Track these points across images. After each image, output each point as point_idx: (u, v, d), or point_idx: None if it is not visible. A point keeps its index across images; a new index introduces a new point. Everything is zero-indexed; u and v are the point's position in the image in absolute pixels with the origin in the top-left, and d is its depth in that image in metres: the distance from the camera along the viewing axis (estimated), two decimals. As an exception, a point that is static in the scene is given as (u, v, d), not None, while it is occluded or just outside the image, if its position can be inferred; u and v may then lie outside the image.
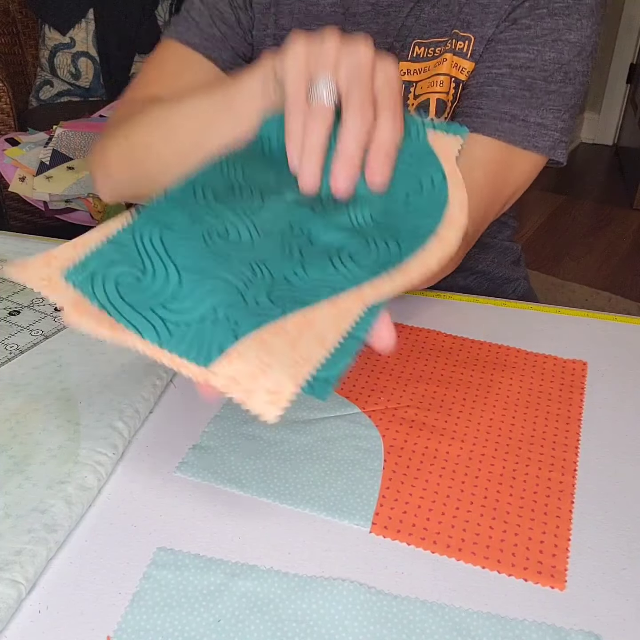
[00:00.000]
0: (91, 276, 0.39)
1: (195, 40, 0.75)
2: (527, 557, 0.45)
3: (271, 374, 0.36)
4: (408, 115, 0.48)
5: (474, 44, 0.69)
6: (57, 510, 0.46)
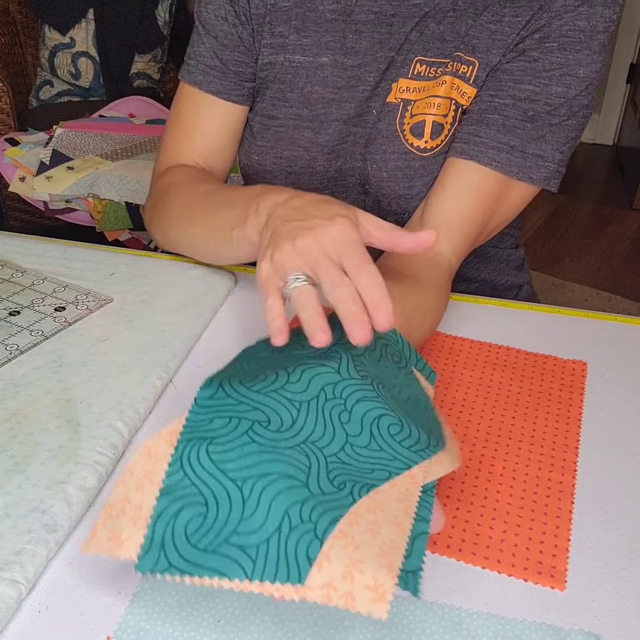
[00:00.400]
0: (162, 547, 0.38)
1: (200, 78, 0.76)
2: (527, 558, 0.45)
3: (366, 570, 0.35)
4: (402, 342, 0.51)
5: (477, 70, 0.68)
6: (57, 510, 0.46)
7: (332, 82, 0.73)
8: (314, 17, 0.72)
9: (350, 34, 0.71)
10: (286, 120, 0.75)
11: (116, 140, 2.02)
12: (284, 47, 0.73)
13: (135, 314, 0.68)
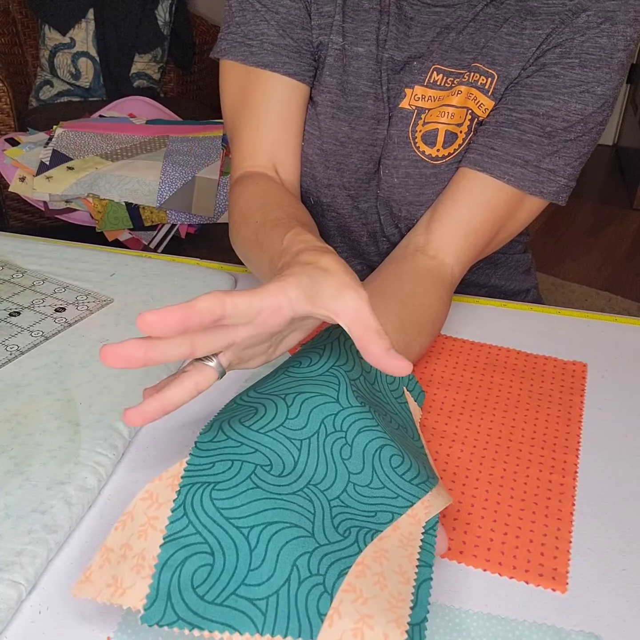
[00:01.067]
0: (168, 598, 0.36)
1: (270, 59, 0.70)
2: (528, 560, 0.45)
3: (376, 627, 0.35)
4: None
5: (496, 83, 0.67)
6: (57, 511, 0.46)
7: (367, 74, 0.71)
8: (353, 3, 0.70)
9: (383, 26, 0.69)
10: (323, 108, 0.72)
11: (116, 140, 2.02)
12: (328, 28, 0.70)
13: (135, 315, 0.68)
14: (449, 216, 0.68)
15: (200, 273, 0.76)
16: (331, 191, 0.76)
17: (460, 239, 0.67)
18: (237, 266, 0.80)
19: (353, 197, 0.76)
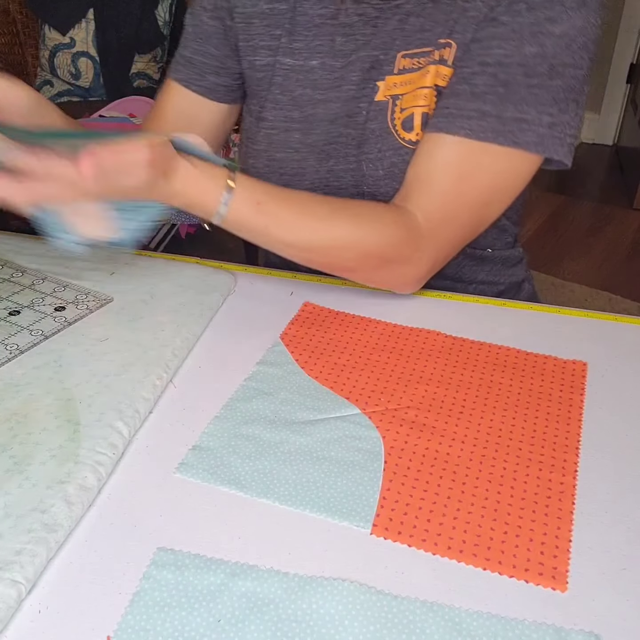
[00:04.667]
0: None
1: (172, 67, 0.80)
2: (528, 559, 0.45)
3: None
4: None
5: (456, 51, 0.67)
6: (57, 510, 0.46)
7: (321, 84, 0.73)
8: (303, 21, 0.73)
9: (338, 36, 0.72)
10: (277, 123, 0.76)
11: (116, 140, 2.02)
12: (276, 50, 0.74)
13: (135, 314, 0.68)
14: (413, 178, 0.68)
15: (200, 272, 0.76)
16: None
17: (423, 191, 0.67)
18: (237, 265, 0.80)
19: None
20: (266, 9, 0.74)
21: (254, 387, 0.60)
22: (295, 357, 0.64)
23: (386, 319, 0.70)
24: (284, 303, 0.72)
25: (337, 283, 0.77)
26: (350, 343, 0.66)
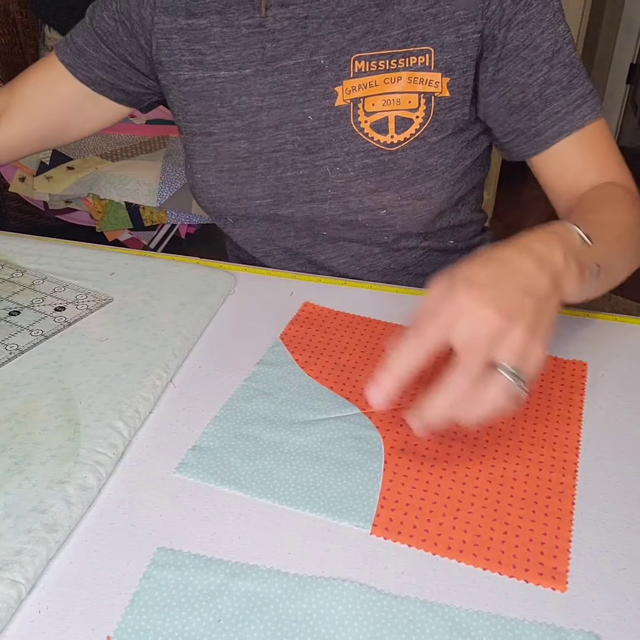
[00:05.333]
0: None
1: (60, 45, 0.82)
2: (528, 559, 0.45)
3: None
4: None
5: (435, 54, 0.69)
6: (57, 510, 0.46)
7: (256, 90, 0.74)
8: (231, 32, 0.74)
9: (268, 43, 0.73)
10: (221, 134, 0.77)
11: (116, 140, 2.02)
12: (203, 65, 0.75)
13: (135, 314, 0.68)
14: (569, 185, 0.74)
15: (200, 272, 0.76)
16: (242, 204, 0.79)
17: (609, 174, 0.72)
18: (237, 265, 0.80)
19: (270, 205, 0.78)
20: (185, 24, 0.75)
21: (254, 387, 0.60)
22: (295, 357, 0.64)
23: (386, 319, 0.70)
24: (284, 303, 0.72)
25: (337, 283, 0.77)
26: (350, 343, 0.66)
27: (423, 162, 0.72)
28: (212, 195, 0.80)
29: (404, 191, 0.73)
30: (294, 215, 0.78)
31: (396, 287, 0.76)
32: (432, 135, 0.72)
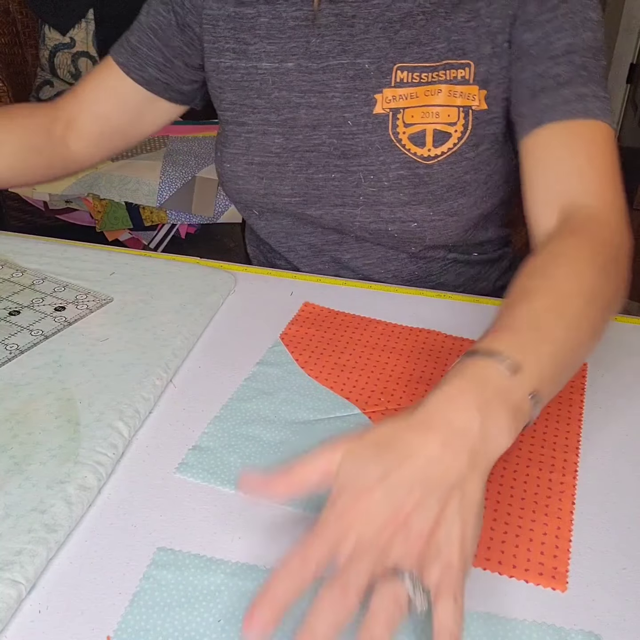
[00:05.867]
0: None
1: (115, 47, 0.81)
2: (528, 559, 0.45)
3: None
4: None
5: (474, 68, 0.69)
6: (57, 510, 0.46)
7: (298, 86, 0.74)
8: (277, 24, 0.73)
9: (313, 38, 0.72)
10: (255, 126, 0.76)
11: (116, 140, 2.02)
12: (247, 54, 0.75)
13: (135, 314, 0.68)
14: (558, 177, 0.65)
15: (200, 272, 0.76)
16: (269, 199, 0.78)
17: (580, 181, 0.64)
18: (237, 265, 0.80)
19: (299, 203, 0.77)
20: (232, 12, 0.75)
21: (254, 387, 0.60)
22: (295, 357, 0.64)
23: (386, 319, 0.70)
24: (284, 303, 0.72)
25: (337, 283, 0.77)
26: (350, 343, 0.66)
27: (458, 178, 0.72)
28: (239, 186, 0.79)
29: (436, 206, 0.73)
30: (323, 217, 0.77)
31: (396, 287, 0.77)
32: (470, 151, 0.71)
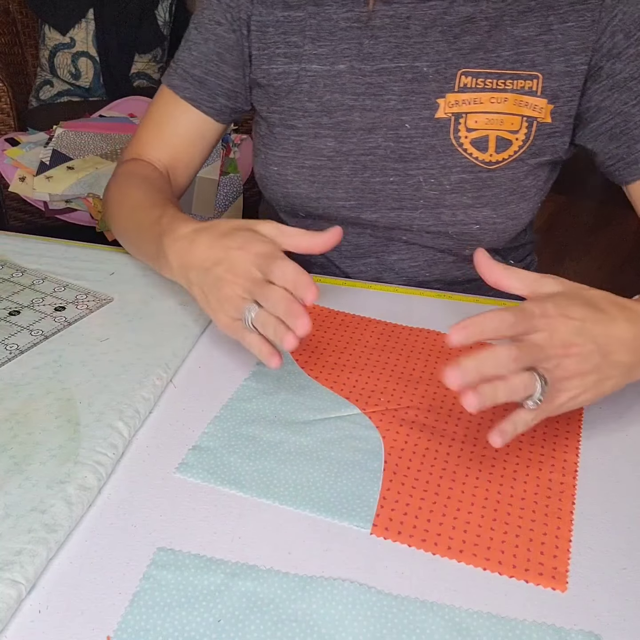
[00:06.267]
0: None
1: (176, 82, 0.79)
2: (528, 559, 0.45)
3: None
4: None
5: (542, 81, 0.69)
6: (57, 510, 0.46)
7: (351, 89, 0.73)
8: (328, 26, 0.72)
9: (366, 39, 0.71)
10: (305, 129, 0.75)
11: (116, 140, 2.02)
12: (298, 57, 0.74)
13: (135, 314, 0.68)
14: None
15: (200, 272, 0.76)
16: (321, 204, 0.77)
17: None
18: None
19: (353, 207, 0.77)
20: (281, 16, 0.74)
21: (254, 387, 0.60)
22: (295, 357, 0.64)
23: (386, 319, 0.70)
24: (284, 303, 0.72)
25: (337, 283, 0.77)
26: (350, 343, 0.66)
27: (519, 182, 0.73)
28: (288, 190, 0.78)
29: (500, 209, 0.73)
30: (378, 220, 0.77)
31: (395, 287, 0.77)
32: (530, 158, 0.72)
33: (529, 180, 0.73)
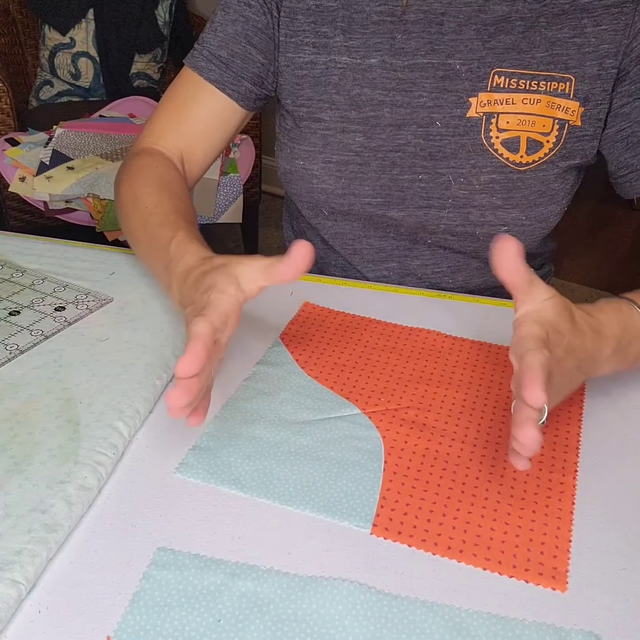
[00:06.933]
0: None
1: (201, 64, 0.76)
2: (528, 559, 0.45)
3: None
4: None
5: (575, 84, 0.69)
6: (57, 510, 0.46)
7: (381, 84, 0.72)
8: (360, 18, 0.71)
9: (399, 34, 0.70)
10: (333, 123, 0.73)
11: (116, 140, 2.02)
12: (327, 48, 0.72)
13: (135, 314, 0.68)
14: None
15: (200, 272, 0.75)
16: (347, 200, 0.76)
17: None
18: (237, 266, 0.80)
19: (380, 205, 0.76)
20: (313, 5, 0.72)
21: (254, 387, 0.60)
22: (295, 357, 0.64)
23: (386, 319, 0.70)
24: (284, 303, 0.72)
25: (337, 283, 0.77)
26: (350, 343, 0.66)
27: (549, 185, 0.72)
28: (313, 185, 0.76)
29: (529, 211, 0.73)
30: (405, 218, 0.76)
31: (395, 287, 0.77)
32: (560, 161, 0.72)
33: (558, 183, 0.73)
